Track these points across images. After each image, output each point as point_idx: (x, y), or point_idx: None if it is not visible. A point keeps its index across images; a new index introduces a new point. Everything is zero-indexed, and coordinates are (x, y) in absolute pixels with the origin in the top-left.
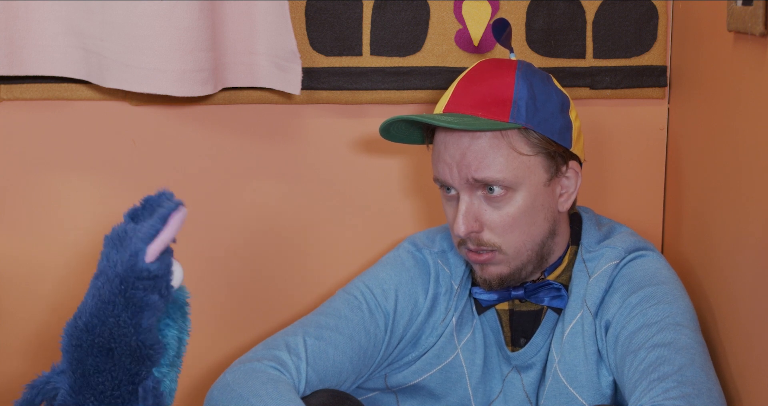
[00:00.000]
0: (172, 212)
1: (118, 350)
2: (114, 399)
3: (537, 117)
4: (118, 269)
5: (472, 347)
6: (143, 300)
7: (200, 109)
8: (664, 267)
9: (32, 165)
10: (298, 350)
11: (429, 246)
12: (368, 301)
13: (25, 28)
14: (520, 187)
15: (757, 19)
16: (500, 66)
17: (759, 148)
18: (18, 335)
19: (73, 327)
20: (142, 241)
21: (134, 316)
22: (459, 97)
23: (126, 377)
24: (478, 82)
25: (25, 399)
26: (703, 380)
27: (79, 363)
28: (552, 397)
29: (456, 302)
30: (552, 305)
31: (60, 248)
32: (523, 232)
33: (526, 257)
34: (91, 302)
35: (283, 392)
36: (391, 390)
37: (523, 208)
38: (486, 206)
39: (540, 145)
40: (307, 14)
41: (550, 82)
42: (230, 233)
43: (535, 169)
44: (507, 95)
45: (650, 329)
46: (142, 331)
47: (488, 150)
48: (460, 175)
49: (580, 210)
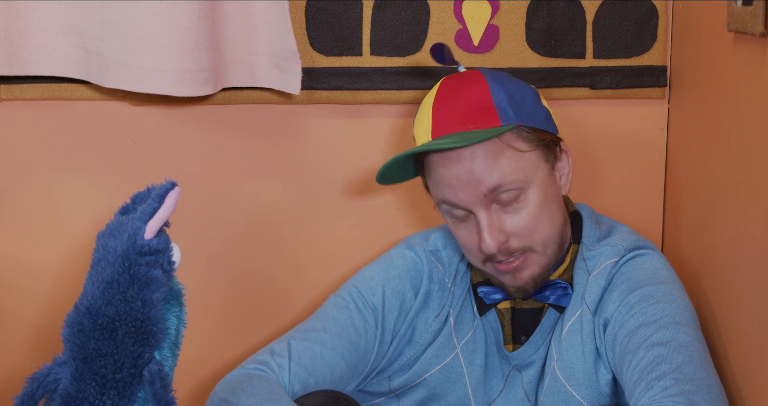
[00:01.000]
0: (168, 191)
1: (121, 329)
2: (116, 383)
3: (523, 112)
4: (118, 251)
5: (473, 347)
6: (147, 276)
7: (200, 109)
8: (664, 266)
9: (32, 165)
10: (282, 352)
11: (422, 244)
12: (356, 299)
13: (25, 28)
14: (530, 185)
15: (757, 19)
16: (467, 78)
17: (759, 148)
18: (18, 335)
19: (74, 315)
20: (139, 220)
21: (140, 290)
22: (441, 118)
23: (128, 360)
24: (453, 99)
25: (25, 393)
26: (702, 376)
27: (81, 349)
28: (550, 395)
29: (451, 300)
30: (557, 304)
31: (60, 248)
32: (546, 226)
33: (551, 251)
34: (92, 288)
35: (257, 385)
36: (395, 394)
37: (539, 204)
38: (504, 216)
39: (535, 139)
40: (307, 14)
41: (513, 78)
42: (230, 233)
43: (538, 162)
44: (487, 101)
45: (649, 327)
46: (149, 305)
47: (491, 158)
48: (472, 193)
49: (579, 208)
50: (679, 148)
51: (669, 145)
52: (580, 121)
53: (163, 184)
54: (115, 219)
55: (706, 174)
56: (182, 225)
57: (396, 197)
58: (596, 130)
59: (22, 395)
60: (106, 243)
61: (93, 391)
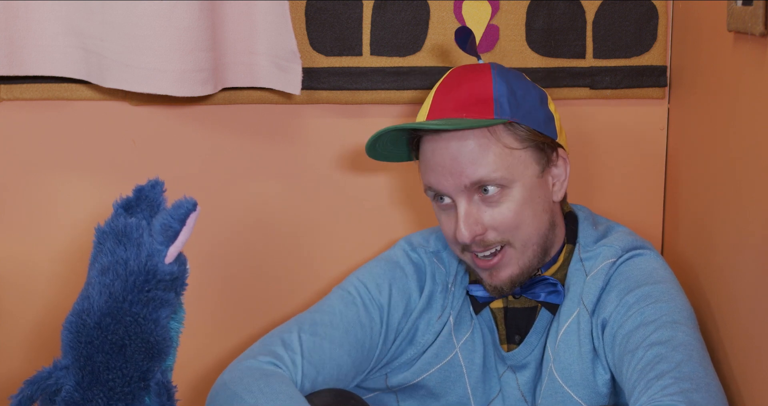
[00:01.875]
0: (190, 212)
1: (131, 347)
2: (124, 395)
3: (521, 110)
4: (131, 267)
5: (471, 346)
6: (162, 299)
7: (200, 109)
8: (661, 266)
9: (32, 165)
10: (294, 346)
11: (424, 246)
12: (362, 295)
13: (25, 28)
14: (514, 183)
15: (757, 19)
16: (474, 69)
17: (759, 148)
18: (18, 334)
19: (79, 324)
20: (161, 243)
21: (153, 312)
22: (440, 104)
23: (137, 374)
24: (456, 87)
25: (23, 394)
26: (701, 375)
27: (88, 360)
28: (548, 396)
29: (452, 301)
30: (548, 301)
31: (60, 248)
32: (527, 225)
33: (532, 252)
34: (100, 300)
35: (274, 384)
36: (391, 390)
37: (521, 202)
38: (485, 208)
39: (528, 138)
40: (307, 14)
41: (525, 78)
42: (230, 233)
43: (527, 162)
44: (487, 94)
45: (647, 327)
46: (161, 326)
47: (478, 150)
48: (454, 182)
49: (575, 208)
50: (679, 148)
51: (669, 145)
52: (580, 121)
53: (182, 201)
54: (120, 219)
55: (706, 174)
56: None
57: (395, 198)
58: (596, 130)
59: (20, 396)
60: (114, 250)
61: (101, 401)
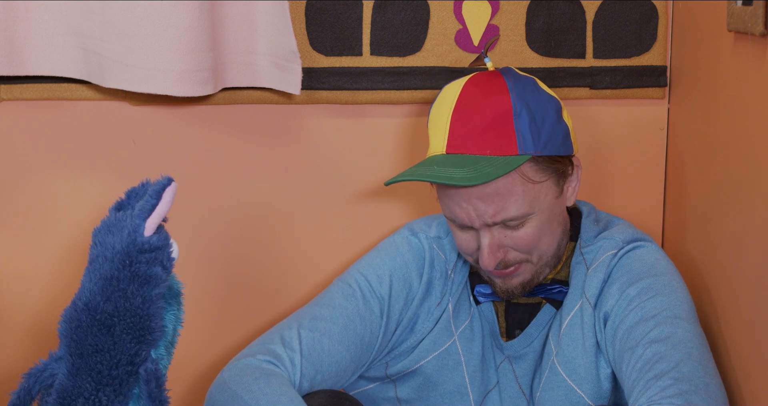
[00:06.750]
0: (165, 187)
1: (119, 326)
2: (111, 379)
3: (542, 140)
4: (117, 248)
5: (470, 335)
6: (147, 273)
7: (200, 109)
8: (662, 258)
9: (32, 165)
10: (293, 343)
11: (425, 231)
12: (362, 288)
13: (25, 28)
14: (536, 212)
15: (757, 19)
16: (489, 87)
17: (759, 148)
18: (16, 331)
19: (72, 311)
20: (138, 217)
21: (140, 287)
22: (458, 133)
23: (125, 357)
24: (473, 112)
25: (22, 388)
26: (700, 374)
27: (78, 344)
28: (549, 389)
29: (451, 288)
30: (552, 298)
31: (59, 247)
32: (546, 242)
33: (545, 261)
34: (90, 284)
35: (274, 385)
36: (390, 379)
37: (541, 225)
38: (507, 232)
39: (550, 168)
40: (307, 14)
41: (539, 88)
42: (230, 233)
43: (548, 189)
44: (508, 124)
45: (647, 323)
46: (149, 301)
47: (503, 192)
48: (479, 219)
49: (580, 205)
50: (679, 148)
51: (669, 145)
52: (580, 122)
53: (159, 180)
54: (111, 215)
55: (707, 174)
56: (182, 225)
57: (395, 197)
58: (596, 130)
59: (19, 390)
60: (104, 240)
61: (89, 386)
